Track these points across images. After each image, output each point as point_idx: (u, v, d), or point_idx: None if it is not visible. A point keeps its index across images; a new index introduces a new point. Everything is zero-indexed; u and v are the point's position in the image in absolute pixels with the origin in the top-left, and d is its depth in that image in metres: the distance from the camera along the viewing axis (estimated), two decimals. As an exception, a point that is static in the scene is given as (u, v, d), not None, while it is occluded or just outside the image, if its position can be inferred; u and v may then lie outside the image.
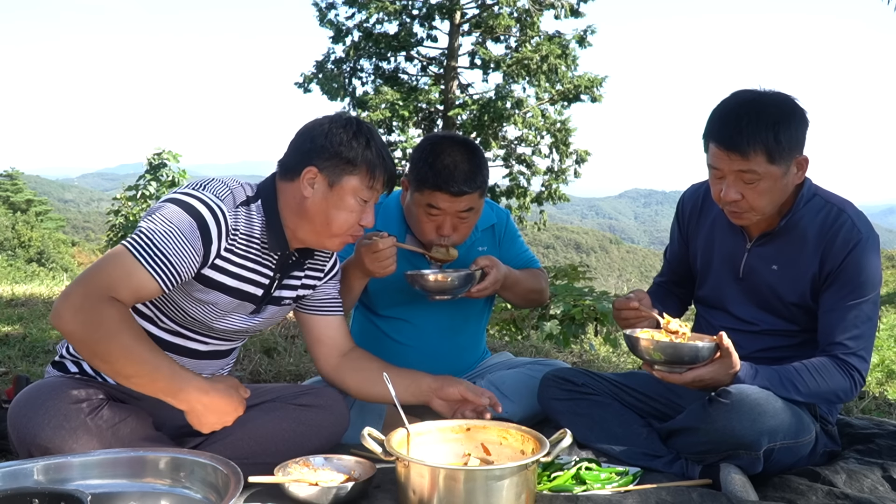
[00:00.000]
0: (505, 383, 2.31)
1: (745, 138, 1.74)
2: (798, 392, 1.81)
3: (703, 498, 1.70)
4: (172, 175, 14.28)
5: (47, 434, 1.55)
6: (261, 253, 1.78)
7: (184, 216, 1.62)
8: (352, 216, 1.75)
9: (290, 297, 1.91)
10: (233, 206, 1.71)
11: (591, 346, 5.16)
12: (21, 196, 36.29)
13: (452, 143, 2.12)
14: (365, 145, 1.73)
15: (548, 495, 1.72)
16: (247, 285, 1.78)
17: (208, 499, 1.39)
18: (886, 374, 4.75)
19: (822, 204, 1.89)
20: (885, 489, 1.80)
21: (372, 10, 16.77)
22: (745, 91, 1.84)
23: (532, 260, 2.47)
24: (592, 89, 16.67)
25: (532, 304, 2.50)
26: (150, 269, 1.57)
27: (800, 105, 1.81)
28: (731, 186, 1.81)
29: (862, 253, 1.83)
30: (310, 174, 1.72)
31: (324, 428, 1.86)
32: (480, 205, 2.18)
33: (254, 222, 1.75)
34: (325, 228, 1.75)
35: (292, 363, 3.39)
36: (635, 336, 1.80)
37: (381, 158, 1.75)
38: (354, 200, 1.74)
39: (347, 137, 1.73)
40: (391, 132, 17.61)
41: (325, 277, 1.99)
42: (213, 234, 1.65)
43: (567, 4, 16.45)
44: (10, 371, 3.08)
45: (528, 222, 17.98)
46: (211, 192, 1.68)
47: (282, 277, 1.84)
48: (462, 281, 2.10)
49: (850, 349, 1.83)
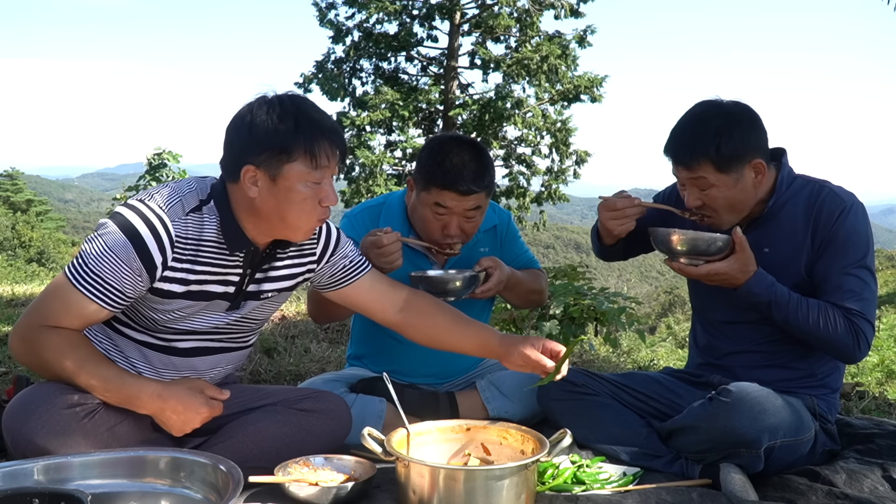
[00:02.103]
0: (505, 383, 2.31)
1: (687, 151, 1.88)
2: (797, 318, 1.85)
3: (703, 498, 1.70)
4: (172, 175, 14.26)
5: (41, 441, 1.54)
6: (219, 255, 1.70)
7: (119, 237, 1.58)
8: (306, 204, 1.63)
9: (274, 289, 1.84)
10: (181, 214, 1.64)
11: (591, 346, 5.16)
12: (21, 196, 36.29)
13: (460, 143, 2.13)
14: (294, 126, 1.58)
15: (548, 495, 1.72)
16: (210, 286, 1.71)
17: (208, 499, 1.39)
18: (886, 374, 4.74)
19: (804, 183, 1.97)
20: (885, 489, 1.80)
21: (372, 10, 16.76)
22: (700, 103, 1.95)
23: (532, 261, 2.48)
24: (592, 89, 16.66)
25: (532, 305, 2.51)
26: (89, 294, 1.59)
27: (751, 112, 1.90)
28: (690, 194, 1.93)
29: (848, 218, 1.88)
30: (249, 174, 1.61)
31: (325, 433, 1.84)
32: (486, 204, 2.19)
33: (206, 227, 1.67)
34: (283, 224, 1.66)
35: (292, 363, 3.39)
36: (661, 229, 1.94)
37: (318, 133, 1.60)
38: (304, 188, 1.62)
39: (273, 123, 1.58)
40: (391, 132, 17.62)
41: (321, 260, 1.89)
42: (152, 251, 1.60)
43: (567, 4, 16.45)
44: (10, 371, 3.08)
45: (528, 222, 17.97)
46: (157, 203, 1.63)
47: (253, 272, 1.78)
48: (466, 282, 2.11)
49: (854, 311, 1.85)
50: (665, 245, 1.94)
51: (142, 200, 1.63)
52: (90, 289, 1.59)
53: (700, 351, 2.18)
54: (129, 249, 1.58)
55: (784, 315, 1.86)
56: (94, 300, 1.59)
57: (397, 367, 2.34)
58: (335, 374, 2.35)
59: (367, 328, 2.42)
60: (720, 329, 2.11)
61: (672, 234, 1.92)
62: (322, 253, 1.89)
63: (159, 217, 1.61)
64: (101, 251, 1.58)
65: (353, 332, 2.52)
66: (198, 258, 1.68)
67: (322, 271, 1.91)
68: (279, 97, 1.64)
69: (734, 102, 1.92)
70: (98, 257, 1.58)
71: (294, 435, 1.79)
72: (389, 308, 1.94)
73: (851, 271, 1.86)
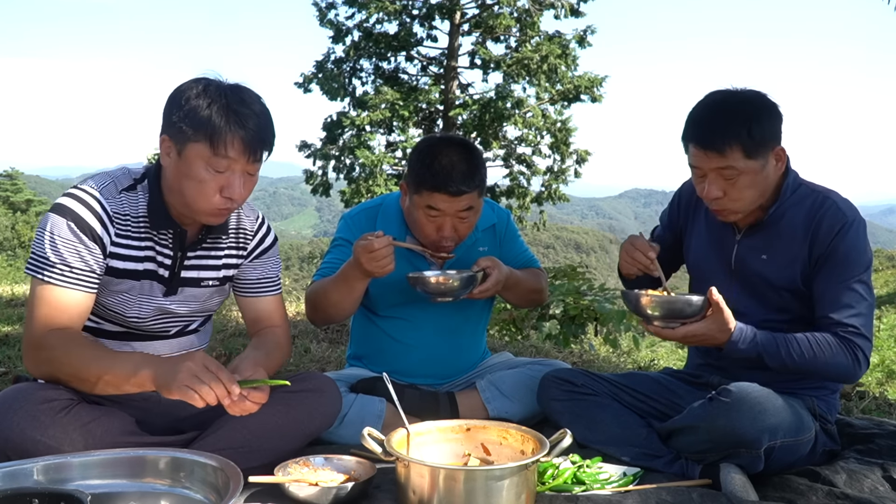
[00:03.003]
0: (505, 383, 2.31)
1: (719, 135, 1.81)
2: (792, 360, 1.82)
3: (703, 498, 1.71)
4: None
5: (16, 437, 1.53)
6: (151, 233, 1.75)
7: (59, 220, 1.64)
8: (203, 186, 1.63)
9: (213, 277, 1.86)
10: (114, 193, 1.71)
11: (591, 346, 5.16)
12: (21, 196, 36.29)
13: (449, 144, 2.13)
14: (207, 108, 1.58)
15: (548, 495, 1.72)
16: (147, 264, 1.75)
17: (208, 499, 1.39)
18: (886, 374, 4.75)
19: (808, 192, 1.95)
20: (885, 489, 1.80)
21: (372, 10, 16.76)
22: (718, 91, 1.91)
23: (532, 260, 2.48)
24: (592, 89, 16.67)
25: (532, 304, 2.51)
26: (73, 287, 1.63)
27: (771, 99, 1.88)
28: (713, 184, 1.87)
29: (848, 235, 1.86)
30: (165, 143, 1.66)
31: (317, 410, 1.85)
32: (480, 204, 2.18)
33: (139, 204, 1.73)
34: (183, 200, 1.68)
35: (292, 363, 3.39)
36: (633, 292, 1.90)
37: (230, 123, 1.59)
38: (204, 171, 1.62)
39: (192, 101, 1.60)
40: (391, 132, 17.62)
41: (248, 256, 1.93)
42: (93, 225, 1.66)
43: (567, 4, 16.45)
44: (9, 371, 3.08)
45: (528, 222, 17.97)
46: (88, 185, 1.70)
47: (184, 256, 1.80)
48: (464, 282, 2.10)
49: (850, 328, 1.84)
50: (638, 309, 1.89)
51: (76, 187, 1.71)
52: (59, 277, 1.63)
53: (700, 351, 2.18)
54: (72, 228, 1.64)
55: (779, 362, 1.84)
56: (67, 286, 1.63)
57: (397, 367, 2.34)
58: (335, 374, 2.35)
59: (367, 328, 2.42)
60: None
61: (642, 298, 1.87)
62: (251, 252, 1.94)
63: (92, 195, 1.68)
64: (51, 240, 1.64)
65: (353, 333, 2.52)
66: (133, 234, 1.73)
67: (245, 270, 1.94)
68: (217, 82, 1.66)
69: (752, 90, 1.90)
70: (51, 246, 1.63)
71: (287, 415, 1.78)
72: (251, 327, 2.01)
73: (849, 286, 1.85)
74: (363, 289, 2.15)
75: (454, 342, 2.40)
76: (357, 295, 2.15)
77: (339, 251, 2.31)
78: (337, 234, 2.37)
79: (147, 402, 1.82)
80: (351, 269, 2.07)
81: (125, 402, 1.78)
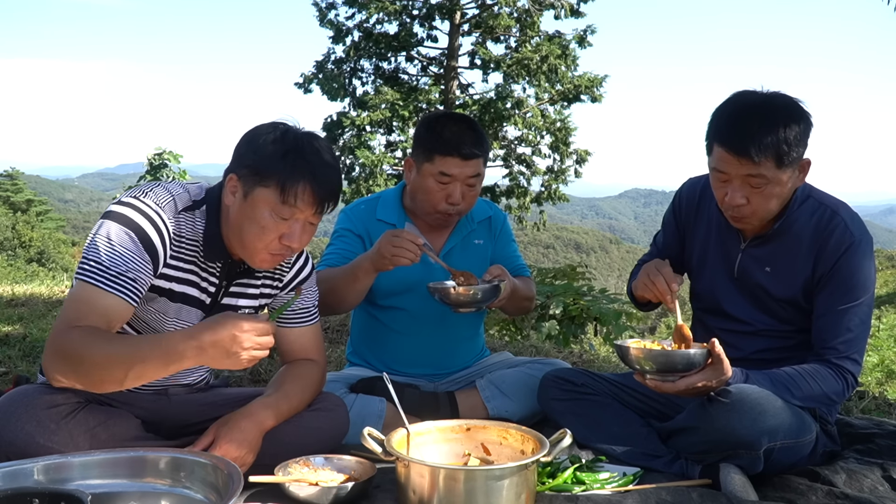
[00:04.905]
0: (505, 382, 2.31)
1: (755, 143, 1.71)
2: (791, 396, 1.81)
3: (703, 498, 1.71)
4: (173, 175, 14.27)
5: (21, 442, 1.52)
6: (201, 260, 1.72)
7: (121, 230, 1.58)
8: (265, 232, 1.62)
9: (250, 305, 1.85)
10: (174, 212, 1.66)
11: (590, 346, 5.16)
12: (21, 196, 36.32)
13: (453, 116, 2.27)
14: (282, 155, 1.59)
15: (548, 495, 1.72)
16: (190, 288, 1.72)
17: (208, 499, 1.39)
18: (886, 374, 4.75)
19: (816, 206, 1.89)
20: (885, 489, 1.80)
21: (372, 10, 16.77)
22: (750, 93, 1.81)
23: (523, 267, 2.51)
24: (592, 89, 16.67)
25: (522, 312, 2.54)
26: (115, 292, 1.55)
27: (805, 108, 1.79)
28: (738, 191, 1.79)
29: (854, 256, 1.83)
30: (231, 182, 1.64)
31: (324, 431, 1.85)
32: (484, 173, 2.28)
33: (196, 228, 1.70)
34: (241, 242, 1.67)
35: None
36: (626, 346, 1.80)
37: (302, 172, 1.59)
38: (269, 216, 1.61)
39: (266, 145, 1.61)
40: (391, 132, 17.63)
41: (283, 288, 1.91)
42: (155, 243, 1.61)
43: (567, 4, 16.45)
44: (10, 371, 3.08)
45: (528, 222, 17.98)
46: (151, 199, 1.64)
47: (229, 285, 1.79)
48: (487, 294, 2.12)
49: (842, 353, 1.84)
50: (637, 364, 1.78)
51: (135, 197, 1.64)
52: (105, 280, 1.55)
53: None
54: (134, 240, 1.59)
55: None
56: (110, 290, 1.55)
57: (396, 357, 2.38)
58: (335, 374, 2.35)
59: (367, 322, 2.44)
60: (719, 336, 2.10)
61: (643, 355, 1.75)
62: (287, 284, 1.91)
63: (156, 212, 1.63)
64: (108, 246, 1.58)
65: (353, 329, 2.53)
66: (185, 257, 1.70)
67: (280, 300, 1.92)
68: (292, 128, 1.66)
69: (785, 96, 1.79)
70: (108, 253, 1.57)
71: (294, 433, 1.79)
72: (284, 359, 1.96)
73: (848, 310, 1.83)
74: (367, 284, 2.16)
75: (451, 331, 2.42)
76: (361, 287, 2.16)
77: (341, 241, 2.34)
78: (337, 226, 2.40)
79: (158, 403, 1.82)
80: (363, 261, 2.10)
81: (135, 402, 1.78)
